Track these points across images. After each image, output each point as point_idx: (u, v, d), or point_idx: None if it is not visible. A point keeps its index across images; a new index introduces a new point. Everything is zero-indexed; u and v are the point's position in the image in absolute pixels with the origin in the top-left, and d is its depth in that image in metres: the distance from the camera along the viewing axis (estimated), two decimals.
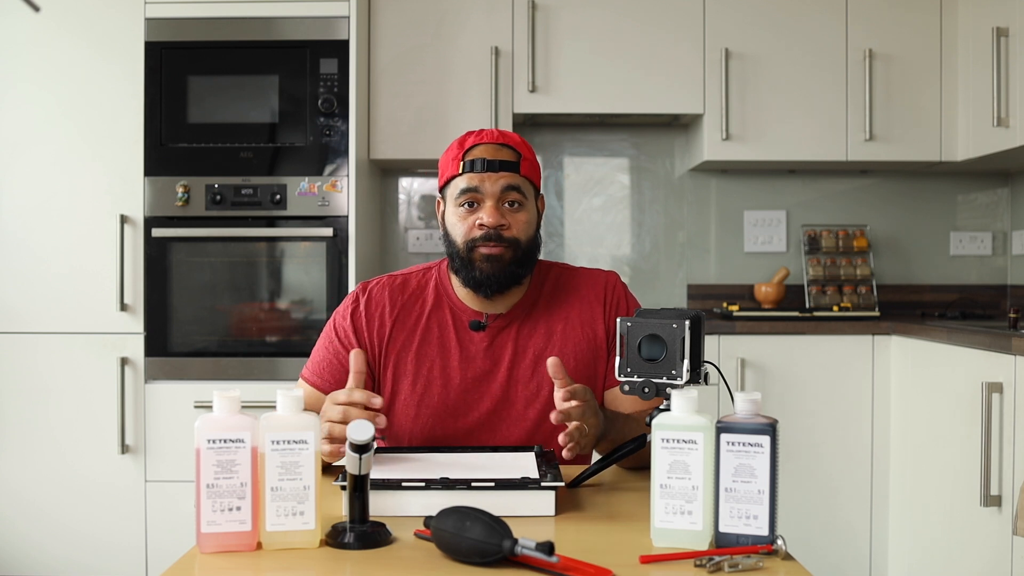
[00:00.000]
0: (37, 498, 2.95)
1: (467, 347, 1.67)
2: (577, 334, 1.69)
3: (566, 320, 1.70)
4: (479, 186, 1.62)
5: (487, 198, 1.62)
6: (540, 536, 1.05)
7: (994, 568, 2.43)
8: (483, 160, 1.62)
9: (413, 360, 1.67)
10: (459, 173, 1.63)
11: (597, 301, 1.72)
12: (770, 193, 3.64)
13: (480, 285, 1.63)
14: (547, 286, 1.73)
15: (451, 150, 1.68)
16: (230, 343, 2.98)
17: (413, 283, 1.73)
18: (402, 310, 1.70)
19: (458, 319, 1.69)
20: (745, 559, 1.07)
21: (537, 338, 1.68)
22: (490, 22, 3.24)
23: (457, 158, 1.65)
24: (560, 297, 1.72)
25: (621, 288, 1.75)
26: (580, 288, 1.73)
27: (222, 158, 2.95)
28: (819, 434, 3.02)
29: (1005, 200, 3.64)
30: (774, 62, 3.26)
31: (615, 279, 1.76)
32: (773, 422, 1.12)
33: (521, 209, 1.64)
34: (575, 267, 1.79)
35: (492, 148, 1.64)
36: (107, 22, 2.96)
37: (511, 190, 1.63)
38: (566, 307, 1.71)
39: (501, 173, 1.62)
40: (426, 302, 1.71)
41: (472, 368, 1.67)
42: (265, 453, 1.13)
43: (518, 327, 1.69)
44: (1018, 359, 2.34)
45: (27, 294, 2.97)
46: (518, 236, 1.63)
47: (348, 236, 2.94)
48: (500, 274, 1.62)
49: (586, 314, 1.71)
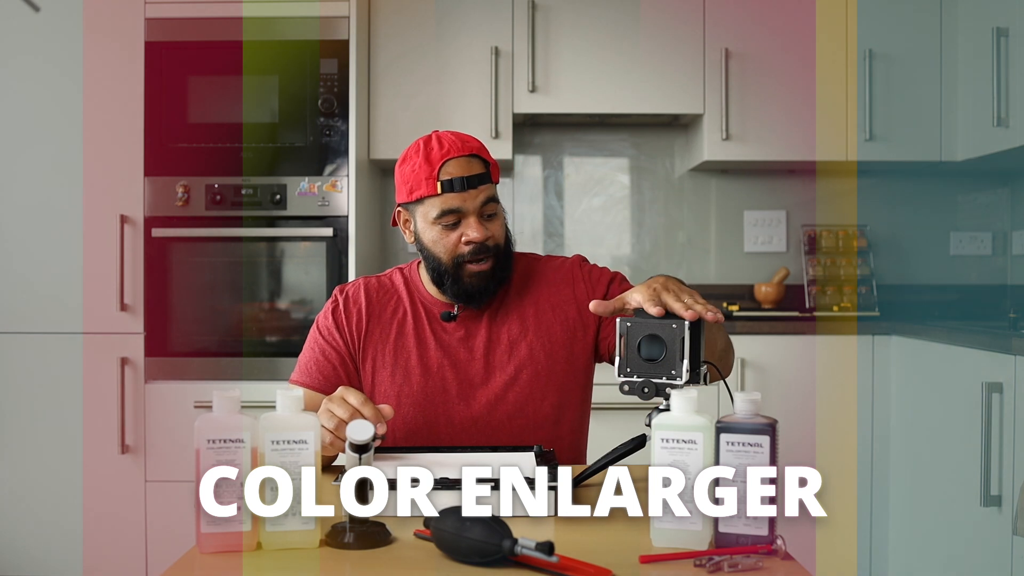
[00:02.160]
0: (37, 498, 2.95)
1: (441, 337, 1.72)
2: (548, 317, 1.74)
3: (536, 305, 1.75)
4: (461, 206, 1.64)
5: (469, 215, 1.65)
6: (540, 536, 1.05)
7: (994, 568, 2.43)
8: (461, 179, 1.63)
9: (391, 351, 1.72)
10: (438, 193, 1.64)
11: (565, 283, 1.76)
12: (770, 193, 3.63)
13: (471, 299, 1.68)
14: (516, 275, 1.77)
15: (418, 166, 1.65)
16: (230, 343, 2.98)
17: (387, 282, 1.79)
18: (378, 305, 1.75)
19: (430, 312, 1.74)
20: (745, 559, 1.07)
21: (510, 324, 1.73)
22: (490, 22, 3.23)
23: (432, 177, 1.63)
24: (528, 285, 1.77)
25: (582, 265, 1.80)
26: (546, 274, 1.78)
27: (222, 158, 2.95)
28: (819, 434, 3.02)
29: (1005, 200, 3.64)
30: (774, 62, 3.26)
31: (577, 259, 1.81)
32: (773, 422, 1.12)
33: (496, 216, 1.69)
34: (541, 256, 1.84)
35: (463, 162, 1.64)
36: (107, 22, 2.95)
37: (490, 202, 1.66)
38: (535, 294, 1.76)
39: (480, 188, 1.65)
40: (400, 298, 1.76)
41: (449, 357, 1.71)
42: (265, 453, 1.13)
43: (490, 315, 1.73)
44: (1018, 359, 2.34)
45: (27, 294, 2.96)
46: (499, 242, 1.69)
47: (348, 236, 2.94)
48: (489, 285, 1.68)
49: (555, 298, 1.75)
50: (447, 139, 1.67)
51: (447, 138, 1.67)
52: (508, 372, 1.70)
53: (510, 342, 1.71)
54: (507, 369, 1.70)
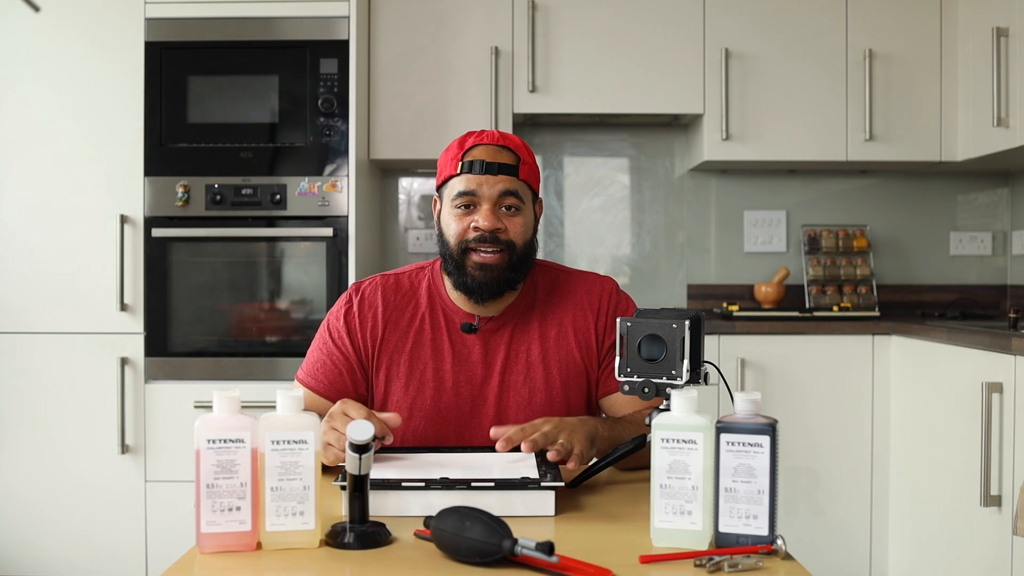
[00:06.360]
0: (37, 498, 2.95)
1: (460, 350, 1.67)
2: (570, 341, 1.69)
3: (559, 326, 1.69)
4: (476, 189, 1.60)
5: (484, 201, 1.60)
6: (540, 536, 1.05)
7: (994, 568, 2.43)
8: (482, 162, 1.60)
9: (406, 362, 1.66)
10: (457, 173, 1.62)
11: (591, 309, 1.70)
12: (770, 193, 3.64)
13: (471, 292, 1.63)
14: (541, 290, 1.72)
15: (450, 149, 1.66)
16: (230, 343, 2.98)
17: (406, 283, 1.72)
18: (395, 311, 1.69)
19: (451, 321, 1.68)
20: (745, 559, 1.07)
21: (531, 343, 1.67)
22: (490, 22, 3.24)
23: (456, 158, 1.63)
24: (554, 302, 1.71)
25: (616, 296, 1.73)
26: (575, 293, 1.72)
27: (222, 158, 2.95)
28: (819, 434, 3.02)
29: (1005, 200, 3.64)
30: (774, 62, 3.26)
31: (611, 286, 1.74)
32: (773, 422, 1.12)
33: (518, 214, 1.62)
34: (571, 269, 1.77)
35: (492, 150, 1.62)
36: (107, 22, 2.96)
37: (508, 195, 1.61)
38: (560, 312, 1.70)
39: (499, 176, 1.60)
40: (419, 304, 1.69)
41: (465, 372, 1.66)
42: (265, 453, 1.13)
43: (511, 331, 1.68)
44: (1018, 359, 2.34)
45: (27, 294, 2.97)
46: (514, 240, 1.62)
47: (348, 236, 2.94)
48: (492, 282, 1.61)
49: (580, 321, 1.70)
50: (488, 131, 1.67)
51: (489, 131, 1.67)
52: (522, 395, 1.66)
53: (527, 363, 1.66)
54: (522, 392, 1.66)
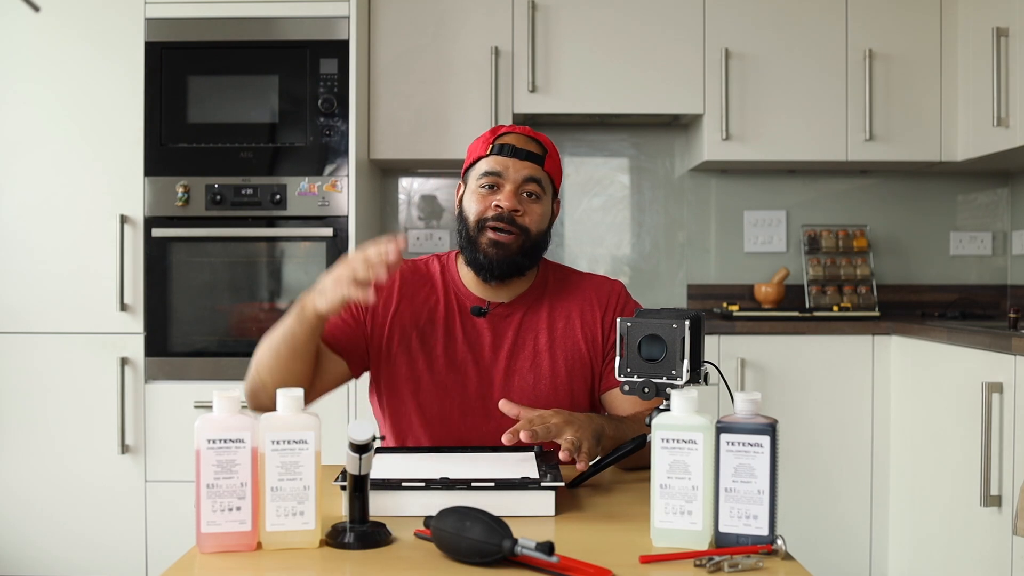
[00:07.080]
0: (37, 498, 2.95)
1: (470, 332, 1.71)
2: (577, 333, 1.73)
3: (567, 318, 1.73)
4: (503, 171, 1.67)
5: (507, 183, 1.67)
6: (540, 536, 1.05)
7: (994, 568, 2.43)
8: (511, 146, 1.68)
9: (417, 338, 1.70)
10: (486, 154, 1.69)
11: (599, 305, 1.75)
12: (770, 193, 3.64)
13: (482, 268, 1.67)
14: (552, 284, 1.77)
15: (482, 136, 1.74)
16: (230, 343, 2.98)
17: (422, 268, 1.78)
18: (411, 288, 1.74)
19: (463, 305, 1.73)
20: (745, 559, 1.07)
21: (538, 332, 1.72)
22: (490, 22, 3.23)
23: (487, 141, 1.71)
24: (564, 295, 1.76)
25: (624, 297, 1.78)
26: (585, 290, 1.77)
27: (222, 158, 2.95)
28: (819, 434, 3.02)
29: (1005, 200, 3.64)
30: (774, 62, 3.26)
31: (621, 288, 1.80)
32: (773, 422, 1.12)
33: (537, 201, 1.69)
34: (583, 271, 1.83)
35: (522, 139, 1.71)
36: (107, 22, 2.96)
37: (532, 181, 1.68)
38: (568, 305, 1.74)
39: (525, 162, 1.67)
40: (435, 286, 1.75)
41: (474, 352, 1.70)
42: (265, 453, 1.13)
43: (520, 318, 1.72)
44: (1018, 359, 2.34)
45: (27, 294, 2.97)
46: (530, 225, 1.67)
47: (348, 236, 2.94)
48: (503, 261, 1.66)
49: (588, 315, 1.74)
50: (522, 126, 1.75)
51: (523, 126, 1.75)
52: (528, 381, 1.70)
53: (534, 351, 1.70)
54: (527, 378, 1.70)
